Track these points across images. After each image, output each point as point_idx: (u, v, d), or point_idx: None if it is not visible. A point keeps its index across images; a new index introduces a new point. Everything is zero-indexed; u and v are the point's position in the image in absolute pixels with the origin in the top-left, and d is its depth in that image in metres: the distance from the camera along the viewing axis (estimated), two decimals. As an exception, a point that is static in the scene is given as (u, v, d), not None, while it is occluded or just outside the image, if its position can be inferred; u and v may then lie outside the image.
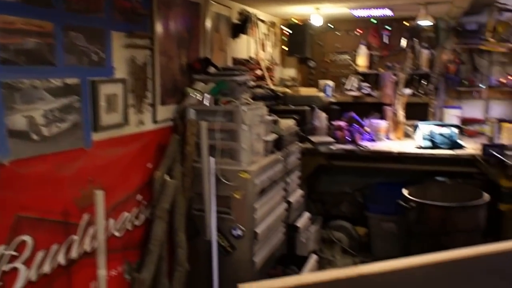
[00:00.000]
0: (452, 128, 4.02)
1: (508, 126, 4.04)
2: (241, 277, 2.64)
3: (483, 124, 4.65)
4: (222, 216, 2.75)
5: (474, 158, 3.77)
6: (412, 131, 4.36)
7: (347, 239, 4.31)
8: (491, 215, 3.69)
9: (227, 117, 2.76)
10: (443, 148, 3.90)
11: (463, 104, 4.81)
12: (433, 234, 3.38)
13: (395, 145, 4.19)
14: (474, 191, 3.64)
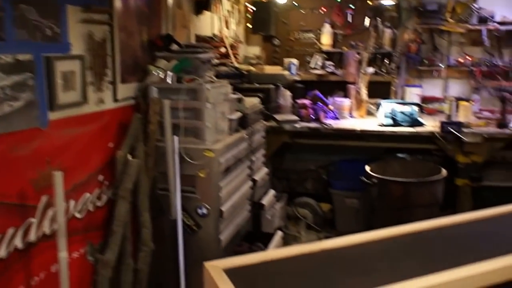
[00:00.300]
0: (413, 106, 4.06)
1: (465, 105, 4.10)
2: (207, 255, 2.60)
3: (442, 102, 4.72)
4: (187, 195, 2.69)
5: (433, 135, 3.82)
6: (375, 109, 4.38)
7: (311, 215, 4.33)
8: (448, 189, 3.77)
9: (191, 95, 2.68)
10: (404, 126, 3.94)
11: (423, 83, 4.86)
12: (394, 209, 3.43)
13: (358, 123, 4.21)
14: (432, 167, 3.71)
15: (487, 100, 4.74)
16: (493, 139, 3.81)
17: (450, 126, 3.79)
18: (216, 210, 2.70)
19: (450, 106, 4.14)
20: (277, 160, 4.70)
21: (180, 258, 2.56)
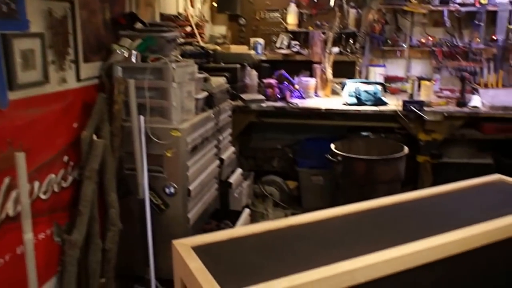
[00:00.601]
0: (377, 86, 4.11)
1: (427, 84, 4.19)
2: (176, 233, 2.60)
3: (405, 82, 4.81)
4: (154, 175, 2.67)
5: (396, 114, 3.90)
6: (340, 88, 4.43)
7: (278, 193, 4.38)
8: (409, 166, 3.87)
9: (156, 75, 2.64)
10: (368, 105, 4.00)
11: (387, 63, 4.93)
12: (358, 185, 3.50)
13: (323, 102, 4.24)
14: (395, 145, 3.79)
15: (447, 79, 4.85)
16: (452, 117, 3.91)
17: (412, 105, 3.87)
18: (184, 189, 2.70)
19: (412, 85, 4.22)
20: (244, 139, 4.71)
21: (148, 237, 2.55)
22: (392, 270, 1.72)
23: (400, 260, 1.73)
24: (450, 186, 2.59)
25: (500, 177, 2.74)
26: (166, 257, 2.02)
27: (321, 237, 1.92)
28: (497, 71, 4.65)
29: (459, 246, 1.90)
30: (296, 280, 1.53)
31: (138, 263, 2.70)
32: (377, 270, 1.69)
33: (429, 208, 2.28)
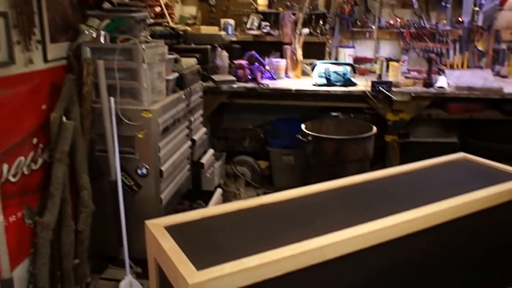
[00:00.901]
0: (346, 67, 4.14)
1: (395, 65, 4.24)
2: (148, 214, 2.60)
3: (373, 63, 4.86)
4: (126, 156, 2.65)
5: (365, 94, 3.95)
6: (310, 69, 4.44)
7: (250, 172, 4.40)
8: (378, 145, 3.94)
9: (126, 56, 2.60)
10: (337, 86, 4.03)
11: (356, 44, 4.96)
12: (328, 165, 3.54)
13: (293, 83, 4.25)
14: (364, 125, 3.84)
15: (414, 60, 4.93)
16: (419, 98, 3.98)
17: (380, 85, 3.92)
18: (156, 170, 2.69)
19: (381, 66, 4.28)
20: (216, 120, 4.70)
21: (121, 218, 2.54)
22: (360, 246, 1.77)
23: (368, 237, 1.78)
24: (417, 164, 2.66)
25: (465, 155, 2.83)
26: (140, 237, 2.02)
27: (292, 215, 1.96)
28: (462, 53, 4.75)
29: (425, 222, 1.96)
30: (268, 257, 1.56)
31: (111, 243, 2.69)
32: (346, 246, 1.74)
33: (396, 186, 2.34)
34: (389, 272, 1.95)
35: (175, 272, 1.52)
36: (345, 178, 2.40)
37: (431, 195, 2.16)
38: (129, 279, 2.50)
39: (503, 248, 2.42)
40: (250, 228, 1.82)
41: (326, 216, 1.95)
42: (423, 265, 2.07)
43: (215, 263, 1.52)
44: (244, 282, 1.51)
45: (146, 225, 1.82)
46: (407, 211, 1.96)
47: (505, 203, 2.25)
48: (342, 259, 1.73)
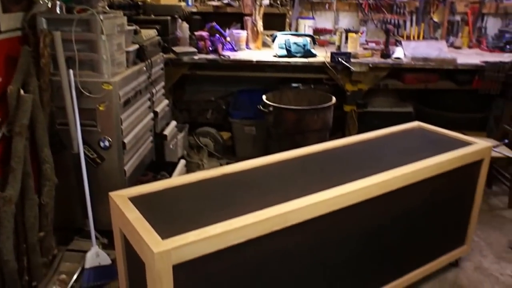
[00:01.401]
0: (306, 38, 4.15)
1: (353, 36, 4.28)
2: (112, 185, 2.59)
3: (333, 34, 4.89)
4: (88, 129, 2.62)
5: (324, 65, 3.98)
6: (270, 41, 4.43)
7: (213, 143, 4.41)
8: (337, 115, 4.01)
9: (83, 27, 2.53)
10: (297, 57, 4.04)
11: (316, 15, 4.97)
12: (289, 135, 3.59)
13: (254, 54, 4.24)
14: (323, 95, 3.89)
15: (373, 32, 4.99)
16: (377, 69, 4.05)
17: (339, 56, 3.96)
18: (119, 142, 2.67)
19: (340, 37, 4.31)
20: (178, 92, 4.66)
21: (85, 190, 2.52)
22: (320, 212, 1.84)
23: (328, 203, 1.85)
24: (374, 133, 2.74)
25: (419, 124, 2.93)
26: (104, 209, 2.03)
27: (254, 184, 2.00)
28: (419, 24, 4.84)
29: (381, 188, 2.04)
30: (232, 225, 1.60)
31: (77, 215, 2.68)
32: (307, 212, 1.79)
33: (355, 154, 2.41)
34: (347, 236, 2.03)
35: (140, 242, 1.54)
36: (305, 147, 2.45)
37: (388, 162, 2.24)
38: (95, 249, 2.50)
39: (454, 211, 2.55)
40: (214, 197, 1.85)
41: (287, 184, 2.00)
42: (380, 229, 2.16)
43: (179, 232, 1.54)
44: (209, 249, 1.55)
45: (110, 197, 1.82)
46: (364, 178, 2.03)
47: (456, 169, 2.37)
48: (302, 225, 1.79)
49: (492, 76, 3.94)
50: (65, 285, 2.40)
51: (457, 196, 2.52)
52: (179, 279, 1.50)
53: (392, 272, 2.37)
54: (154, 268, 1.44)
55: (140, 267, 1.59)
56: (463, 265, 2.83)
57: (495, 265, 2.85)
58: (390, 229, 2.22)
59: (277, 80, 4.45)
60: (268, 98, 3.76)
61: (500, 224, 3.35)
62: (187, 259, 1.50)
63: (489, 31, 4.87)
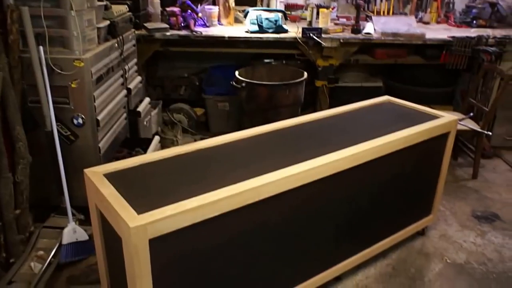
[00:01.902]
0: (278, 14, 4.13)
1: (324, 12, 4.27)
2: (87, 163, 2.56)
3: (304, 9, 4.87)
4: (61, 106, 2.57)
5: (296, 41, 3.98)
6: (242, 16, 4.39)
7: (186, 120, 4.39)
8: (309, 90, 4.04)
9: (52, 2, 2.45)
10: (269, 32, 4.03)
11: (287, -10, 4.93)
12: (262, 110, 3.60)
13: (226, 30, 4.20)
14: (295, 71, 3.91)
15: (344, 7, 4.97)
16: (348, 44, 4.07)
17: (311, 32, 3.96)
18: (92, 119, 2.63)
19: (311, 13, 4.30)
20: (151, 68, 4.60)
21: (60, 168, 2.49)
22: (292, 186, 1.87)
23: (299, 176, 1.88)
24: (345, 107, 2.78)
25: (389, 98, 2.98)
26: (80, 185, 2.01)
27: (228, 158, 2.01)
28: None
29: (351, 161, 2.08)
30: (206, 199, 1.62)
31: (52, 193, 2.65)
32: (280, 186, 1.82)
33: (326, 128, 2.45)
34: (319, 208, 2.07)
35: (116, 217, 1.54)
36: (277, 122, 2.47)
37: (358, 136, 2.28)
38: (72, 226, 2.50)
39: (422, 182, 2.62)
40: (188, 172, 1.87)
41: (260, 159, 2.02)
42: (350, 201, 2.22)
43: (155, 206, 1.55)
44: (184, 223, 1.56)
45: (85, 173, 1.81)
46: (335, 152, 2.07)
47: (424, 142, 2.43)
48: (275, 198, 1.83)
49: (459, 51, 4.01)
50: (43, 261, 2.39)
51: (424, 168, 2.59)
52: (156, 252, 1.52)
53: (363, 242, 2.44)
54: (131, 243, 1.45)
55: (117, 242, 1.60)
56: (429, 233, 2.93)
57: (459, 233, 2.96)
58: (360, 201, 2.28)
59: (250, 56, 4.43)
60: (240, 74, 3.76)
61: (464, 194, 3.47)
62: (163, 233, 1.51)
63: (457, 6, 4.93)
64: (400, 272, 2.56)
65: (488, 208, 3.27)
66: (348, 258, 2.37)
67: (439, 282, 2.50)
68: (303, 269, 2.16)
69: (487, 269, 2.61)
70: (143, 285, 1.53)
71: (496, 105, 3.60)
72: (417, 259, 2.69)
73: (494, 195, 3.46)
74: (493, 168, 3.94)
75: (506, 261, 2.69)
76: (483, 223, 3.08)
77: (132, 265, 1.50)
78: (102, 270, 1.98)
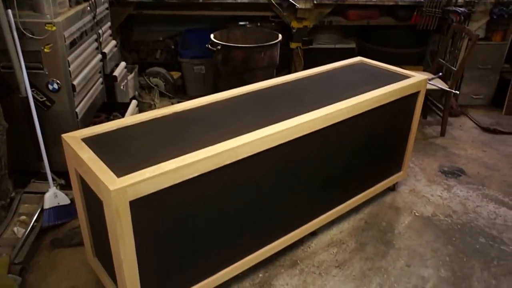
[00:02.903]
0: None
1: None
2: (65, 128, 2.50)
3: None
4: (35, 72, 2.48)
5: (270, 3, 3.91)
6: (216, -22, 4.27)
7: (163, 83, 4.32)
8: (283, 52, 4.00)
9: (19, -36, 2.34)
10: (244, -6, 3.94)
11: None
12: (237, 72, 3.57)
13: (201, -8, 4.09)
14: (270, 33, 3.85)
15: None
16: (321, 5, 4.02)
17: (284, -7, 3.89)
18: (68, 84, 2.56)
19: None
20: (125, 32, 4.47)
21: (38, 134, 2.44)
22: (269, 145, 1.87)
23: (276, 137, 1.88)
24: (319, 69, 2.77)
25: (361, 59, 2.98)
26: (59, 151, 1.98)
27: (205, 120, 2.00)
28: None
29: (326, 121, 2.09)
30: (185, 160, 1.61)
31: (32, 158, 2.61)
32: (256, 146, 1.83)
33: (300, 89, 2.44)
34: (295, 166, 2.09)
35: (96, 181, 1.53)
36: (253, 84, 2.45)
37: (332, 96, 2.29)
38: (53, 191, 2.47)
39: (393, 141, 2.66)
40: (166, 135, 1.85)
41: (237, 120, 2.01)
42: (325, 159, 2.24)
43: (134, 169, 1.54)
44: (164, 184, 1.56)
45: (63, 138, 1.78)
46: (310, 112, 2.07)
47: (395, 101, 2.45)
48: (253, 158, 1.83)
49: (430, 11, 4.01)
50: (26, 226, 2.37)
51: (395, 127, 2.62)
52: (137, 213, 1.52)
53: (337, 198, 2.49)
54: (112, 205, 1.44)
55: (98, 205, 1.59)
56: (400, 189, 3.01)
57: (427, 188, 3.05)
58: (334, 159, 2.30)
59: (225, 19, 4.34)
60: (216, 36, 3.69)
61: (433, 151, 3.55)
62: (143, 194, 1.51)
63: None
64: (372, 226, 2.64)
65: (455, 164, 3.36)
66: (323, 214, 2.42)
67: (408, 234, 2.58)
68: (280, 226, 2.20)
69: (452, 221, 2.71)
70: (125, 245, 1.53)
71: (464, 65, 3.64)
72: (388, 213, 2.76)
73: (460, 151, 3.55)
74: (460, 126, 4.02)
75: (469, 212, 2.79)
76: (450, 178, 3.17)
77: (114, 227, 1.50)
78: (85, 232, 1.98)
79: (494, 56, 4.19)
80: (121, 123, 1.92)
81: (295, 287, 2.17)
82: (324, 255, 2.39)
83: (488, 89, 4.34)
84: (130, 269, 1.59)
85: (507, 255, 2.44)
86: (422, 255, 2.41)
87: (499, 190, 3.04)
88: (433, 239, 2.54)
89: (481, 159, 3.45)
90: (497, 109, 4.31)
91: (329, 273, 2.27)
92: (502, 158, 3.47)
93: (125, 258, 1.56)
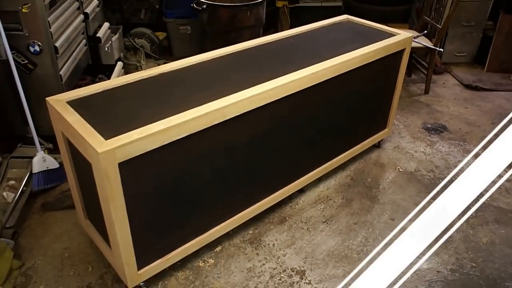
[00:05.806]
0: None
1: None
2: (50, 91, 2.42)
3: None
4: (14, 33, 2.37)
5: (255, -40, 3.76)
6: None
7: (149, 44, 4.20)
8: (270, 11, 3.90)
9: None
10: (228, -49, 3.78)
11: None
12: (224, 32, 3.48)
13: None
14: (256, -9, 3.73)
15: None
16: (306, -38, 3.90)
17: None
18: (50, 46, 2.46)
19: None
20: (108, -8, 4.30)
21: (21, 98, 2.35)
22: (256, 105, 1.84)
23: (263, 96, 1.85)
24: (305, 27, 2.70)
25: (348, 17, 2.90)
26: (45, 115, 1.92)
27: (192, 81, 1.94)
28: None
29: (312, 79, 2.05)
30: (172, 121, 1.57)
31: (17, 123, 2.54)
32: (243, 106, 1.79)
33: (287, 48, 2.38)
34: (283, 125, 2.06)
35: (84, 144, 1.49)
36: (239, 44, 2.38)
37: (319, 55, 2.24)
38: (41, 155, 2.41)
39: (378, 98, 2.64)
40: (153, 96, 1.80)
41: (224, 80, 1.96)
42: (312, 117, 2.21)
43: (122, 131, 1.50)
44: (152, 145, 1.53)
45: (48, 102, 1.72)
46: (296, 71, 2.03)
47: (381, 59, 2.41)
48: (240, 118, 1.80)
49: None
50: (15, 190, 2.33)
51: (381, 85, 2.60)
52: (126, 175, 1.49)
53: (324, 156, 2.48)
54: (100, 167, 1.41)
55: (87, 168, 1.56)
56: (385, 146, 3.01)
57: (410, 144, 3.06)
58: (321, 117, 2.28)
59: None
60: (201, -5, 3.56)
61: (417, 109, 3.54)
62: (131, 156, 1.48)
63: None
64: (358, 182, 2.65)
65: (438, 121, 3.37)
66: (310, 172, 2.42)
67: (392, 189, 2.60)
68: (268, 184, 2.20)
69: (434, 175, 2.74)
70: (116, 206, 1.51)
71: (448, 22, 3.59)
72: (373, 169, 2.78)
73: (443, 108, 3.56)
74: (443, 83, 4.01)
75: (451, 167, 2.81)
76: (433, 134, 3.18)
77: (103, 189, 1.47)
78: (76, 195, 1.95)
79: (478, 13, 4.13)
80: (107, 85, 1.86)
81: (284, 242, 2.19)
82: (312, 211, 2.41)
83: (471, 46, 4.31)
84: (122, 229, 1.58)
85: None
86: (406, 208, 2.44)
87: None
88: (415, 194, 2.57)
89: (463, 116, 3.46)
90: (480, 66, 4.30)
91: (317, 228, 2.29)
92: (483, 114, 3.49)
93: (117, 219, 1.54)
